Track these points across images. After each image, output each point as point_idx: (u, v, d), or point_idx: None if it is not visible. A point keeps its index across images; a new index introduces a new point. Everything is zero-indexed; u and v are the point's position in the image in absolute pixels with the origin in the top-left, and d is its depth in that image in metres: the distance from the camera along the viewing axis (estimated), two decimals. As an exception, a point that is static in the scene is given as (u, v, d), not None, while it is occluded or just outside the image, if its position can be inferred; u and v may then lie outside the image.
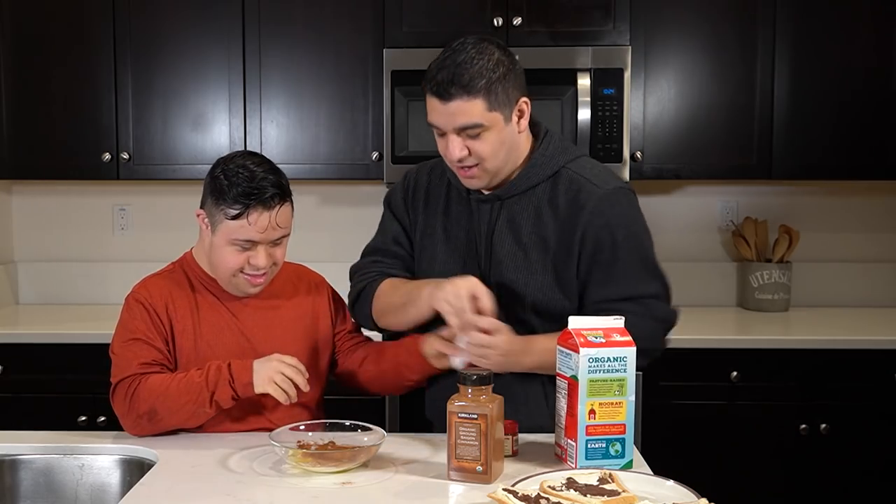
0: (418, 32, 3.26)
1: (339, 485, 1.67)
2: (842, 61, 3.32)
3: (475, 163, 1.87)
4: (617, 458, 1.69)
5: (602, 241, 1.89)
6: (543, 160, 1.94)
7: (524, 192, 1.94)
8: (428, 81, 1.85)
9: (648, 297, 1.91)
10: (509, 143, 1.89)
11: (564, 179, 1.93)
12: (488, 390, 1.65)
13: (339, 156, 3.39)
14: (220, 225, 1.92)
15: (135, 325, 1.97)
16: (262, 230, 1.90)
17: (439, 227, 2.02)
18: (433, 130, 1.90)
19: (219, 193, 1.90)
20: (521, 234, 1.93)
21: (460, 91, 1.80)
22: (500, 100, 1.83)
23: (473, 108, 1.81)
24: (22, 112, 3.41)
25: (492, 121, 1.83)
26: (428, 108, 1.87)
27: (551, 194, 1.93)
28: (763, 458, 3.08)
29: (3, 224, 3.75)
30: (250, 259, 1.92)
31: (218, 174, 1.92)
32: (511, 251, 1.93)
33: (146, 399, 1.88)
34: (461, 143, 1.85)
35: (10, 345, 3.15)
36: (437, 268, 2.00)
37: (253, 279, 1.96)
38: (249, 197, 1.87)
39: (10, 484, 1.90)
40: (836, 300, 3.69)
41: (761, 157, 3.34)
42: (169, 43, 3.38)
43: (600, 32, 3.22)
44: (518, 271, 1.92)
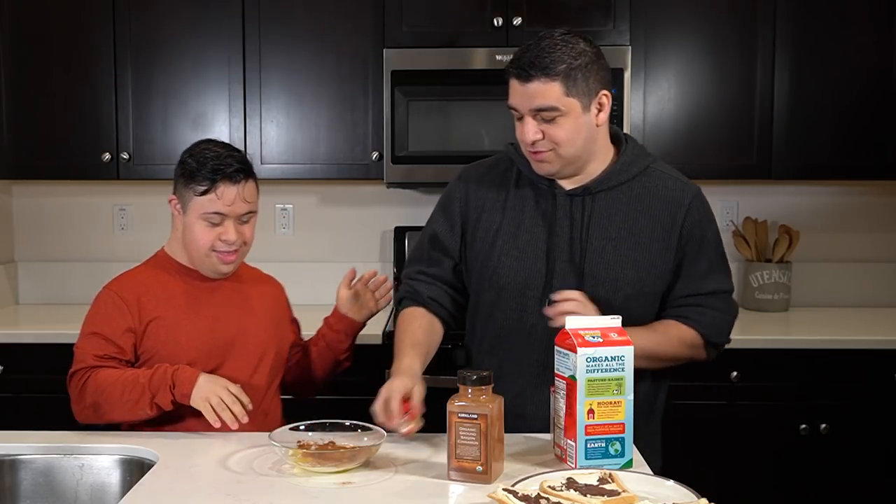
0: (418, 32, 3.26)
1: (339, 485, 1.67)
2: (842, 61, 3.32)
3: (549, 147, 1.90)
4: (617, 458, 1.69)
5: (695, 237, 1.97)
6: (633, 158, 1.99)
7: (615, 187, 1.97)
8: (511, 64, 1.90)
9: (726, 292, 2.03)
10: (586, 134, 1.91)
11: (655, 177, 1.99)
12: (488, 390, 1.66)
13: (339, 156, 3.39)
14: (191, 203, 2.07)
15: (97, 319, 2.08)
16: (230, 203, 2.05)
17: (507, 222, 2.01)
18: (512, 115, 1.93)
19: (188, 175, 2.06)
20: (611, 228, 1.95)
21: (539, 73, 1.84)
22: (580, 88, 1.86)
23: (551, 91, 1.85)
24: (22, 112, 3.41)
25: (568, 106, 1.86)
26: (510, 92, 1.91)
27: (641, 191, 1.97)
28: (763, 458, 3.08)
29: (3, 224, 3.75)
30: (221, 235, 2.06)
31: (185, 159, 2.09)
32: (602, 245, 1.95)
33: (92, 393, 2.00)
34: (536, 126, 1.88)
35: (10, 345, 3.16)
36: (509, 262, 1.99)
37: (224, 256, 2.09)
38: (216, 172, 2.03)
39: (10, 484, 1.90)
40: (836, 300, 3.69)
41: (761, 157, 3.34)
42: (169, 43, 3.38)
43: (600, 32, 3.22)
44: (611, 265, 1.94)
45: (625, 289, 1.94)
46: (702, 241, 1.98)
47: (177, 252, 2.17)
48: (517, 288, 1.98)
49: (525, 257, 1.98)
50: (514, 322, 1.99)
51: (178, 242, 2.16)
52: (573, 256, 1.95)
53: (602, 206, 1.96)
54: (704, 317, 1.98)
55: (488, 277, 2.01)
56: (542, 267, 1.96)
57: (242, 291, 2.19)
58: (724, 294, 2.01)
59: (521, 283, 1.97)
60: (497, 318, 2.02)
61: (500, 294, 2.00)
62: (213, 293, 2.14)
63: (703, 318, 1.98)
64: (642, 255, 1.95)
